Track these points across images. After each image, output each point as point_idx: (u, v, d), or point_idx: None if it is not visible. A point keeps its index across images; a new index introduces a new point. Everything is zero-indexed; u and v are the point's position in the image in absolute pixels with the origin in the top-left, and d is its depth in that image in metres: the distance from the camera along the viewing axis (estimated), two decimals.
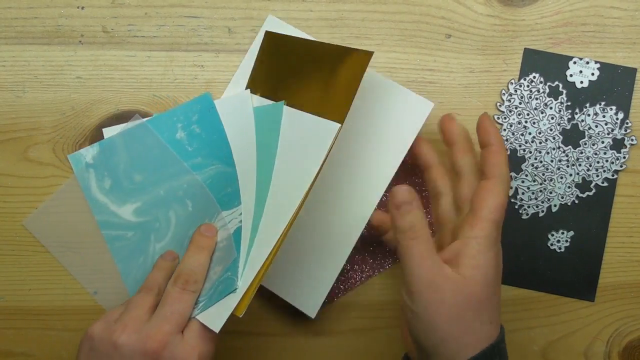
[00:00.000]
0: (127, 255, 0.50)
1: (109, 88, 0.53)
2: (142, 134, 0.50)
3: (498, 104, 0.53)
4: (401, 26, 0.53)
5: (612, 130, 0.53)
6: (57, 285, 0.53)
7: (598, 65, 0.53)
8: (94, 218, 0.50)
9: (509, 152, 0.53)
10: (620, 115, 0.53)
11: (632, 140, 0.53)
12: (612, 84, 0.53)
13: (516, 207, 0.53)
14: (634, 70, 0.53)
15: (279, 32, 0.50)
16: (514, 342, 0.54)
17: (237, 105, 0.50)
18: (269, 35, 0.50)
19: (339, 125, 0.45)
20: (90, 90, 0.53)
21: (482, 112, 0.53)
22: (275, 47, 0.50)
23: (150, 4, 0.52)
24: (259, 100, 0.50)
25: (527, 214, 0.53)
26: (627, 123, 0.53)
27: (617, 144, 0.53)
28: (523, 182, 0.53)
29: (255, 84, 0.51)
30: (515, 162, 0.53)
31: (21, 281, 0.53)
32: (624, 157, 0.53)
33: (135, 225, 0.50)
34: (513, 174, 0.53)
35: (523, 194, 0.53)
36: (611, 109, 0.53)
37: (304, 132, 0.46)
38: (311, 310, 0.49)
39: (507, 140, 0.53)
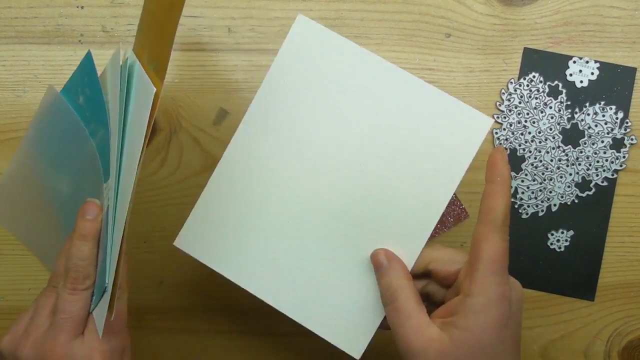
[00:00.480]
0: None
1: None
2: (58, 105, 0.46)
3: (498, 103, 0.53)
4: (401, 25, 0.53)
5: (612, 129, 0.53)
6: None
7: (598, 65, 0.53)
8: (48, 196, 0.47)
9: (508, 152, 0.53)
10: (620, 115, 0.53)
11: (631, 139, 0.53)
12: (611, 84, 0.53)
13: (516, 206, 0.53)
14: (634, 69, 0.53)
15: (309, 34, 0.44)
16: None
17: (114, 63, 0.43)
18: None
19: (154, 89, 0.37)
20: None
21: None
22: None
23: None
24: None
25: (527, 214, 0.53)
26: (626, 122, 0.53)
27: (617, 144, 0.53)
28: (523, 181, 0.53)
29: (136, 41, 0.45)
30: (515, 161, 0.53)
31: (21, 281, 0.53)
32: (624, 157, 0.53)
33: (71, 199, 0.46)
34: (513, 173, 0.53)
35: (523, 193, 0.53)
36: (611, 109, 0.53)
37: (140, 93, 0.40)
38: (355, 350, 0.43)
39: (506, 139, 0.53)
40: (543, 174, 0.53)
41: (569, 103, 0.53)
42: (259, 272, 0.44)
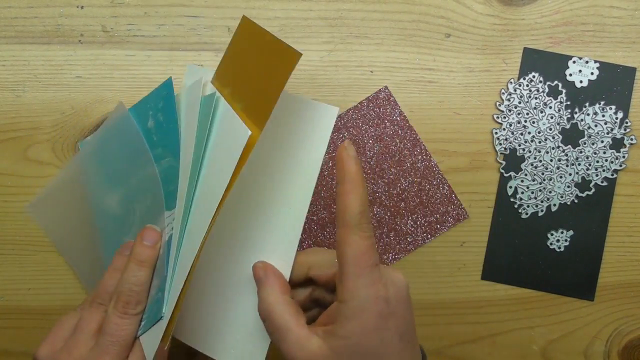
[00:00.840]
0: (111, 250, 0.45)
1: (109, 87, 0.53)
2: (125, 123, 0.47)
3: (497, 103, 0.53)
4: (401, 25, 0.53)
5: (612, 129, 0.53)
6: (57, 285, 0.53)
7: (597, 65, 0.53)
8: (91, 208, 0.48)
9: (508, 152, 0.53)
10: (620, 115, 0.53)
11: (631, 139, 0.53)
12: (611, 84, 0.53)
13: (515, 206, 0.53)
14: (634, 69, 0.53)
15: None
16: (514, 342, 0.54)
17: (192, 93, 0.44)
18: (244, 22, 0.43)
19: (249, 132, 0.37)
20: (90, 89, 0.53)
21: (482, 112, 0.53)
22: (246, 36, 0.44)
23: (149, 4, 0.52)
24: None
25: (527, 214, 0.53)
26: (626, 122, 0.53)
27: (617, 143, 0.53)
28: (522, 181, 0.53)
29: (218, 74, 0.46)
30: (514, 161, 0.53)
31: (21, 281, 0.53)
32: (624, 157, 0.53)
33: (117, 218, 0.46)
34: (512, 173, 0.53)
35: (522, 193, 0.53)
36: (610, 109, 0.53)
37: (226, 132, 0.40)
38: None
39: (506, 139, 0.53)
40: (543, 174, 0.53)
41: (568, 103, 0.53)
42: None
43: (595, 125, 0.53)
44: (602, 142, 0.53)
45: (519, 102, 0.53)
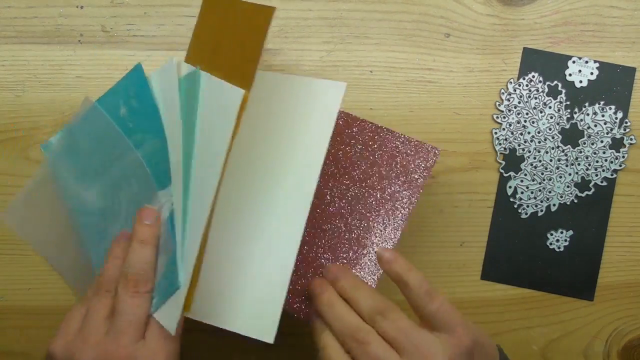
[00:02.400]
0: (97, 243, 0.46)
1: (109, 87, 0.53)
2: (94, 116, 0.48)
3: (497, 103, 0.53)
4: (400, 25, 0.53)
5: (611, 129, 0.53)
6: (57, 285, 0.53)
7: (597, 65, 0.53)
8: (68, 207, 0.48)
9: (508, 152, 0.53)
10: (619, 115, 0.53)
11: (631, 139, 0.53)
12: (611, 84, 0.53)
13: (515, 206, 0.53)
14: (633, 69, 0.53)
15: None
16: (513, 342, 0.54)
17: (167, 75, 0.46)
18: None
19: (242, 91, 0.40)
20: (89, 89, 0.53)
21: (481, 112, 0.53)
22: (211, 9, 0.46)
23: (149, 4, 0.52)
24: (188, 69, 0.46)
25: (526, 214, 0.53)
26: (626, 122, 0.53)
27: (616, 143, 0.53)
28: (522, 181, 0.53)
29: (190, 53, 0.47)
30: (514, 161, 0.53)
31: (21, 281, 0.53)
32: (623, 157, 0.53)
33: (99, 211, 0.47)
34: (512, 173, 0.53)
35: (522, 193, 0.53)
36: (610, 109, 0.53)
37: (215, 100, 0.41)
38: (268, 335, 0.42)
39: (506, 139, 0.53)
40: (542, 173, 0.53)
41: (568, 103, 0.53)
42: None
43: (595, 125, 0.53)
44: (602, 142, 0.53)
45: (519, 102, 0.53)
